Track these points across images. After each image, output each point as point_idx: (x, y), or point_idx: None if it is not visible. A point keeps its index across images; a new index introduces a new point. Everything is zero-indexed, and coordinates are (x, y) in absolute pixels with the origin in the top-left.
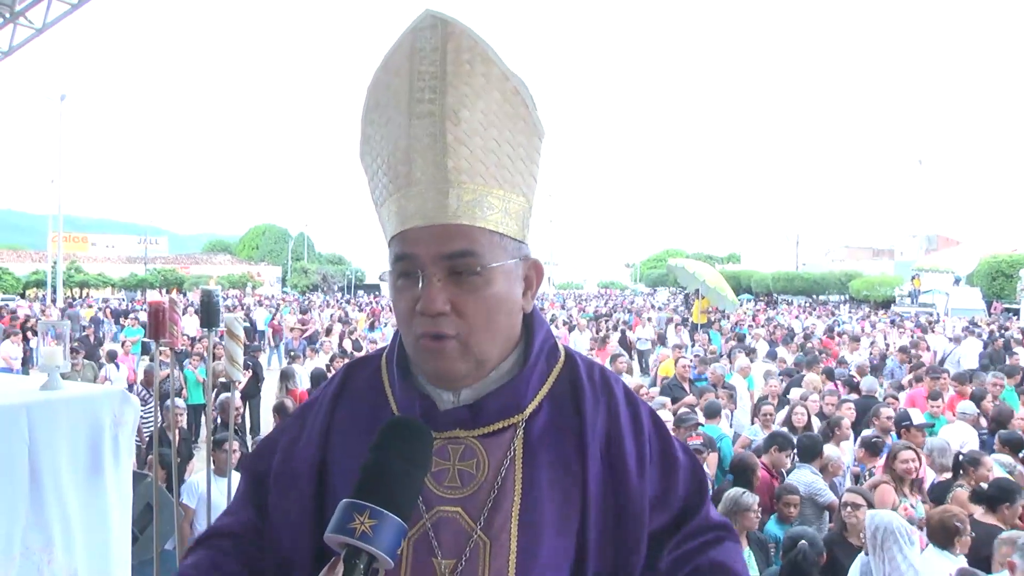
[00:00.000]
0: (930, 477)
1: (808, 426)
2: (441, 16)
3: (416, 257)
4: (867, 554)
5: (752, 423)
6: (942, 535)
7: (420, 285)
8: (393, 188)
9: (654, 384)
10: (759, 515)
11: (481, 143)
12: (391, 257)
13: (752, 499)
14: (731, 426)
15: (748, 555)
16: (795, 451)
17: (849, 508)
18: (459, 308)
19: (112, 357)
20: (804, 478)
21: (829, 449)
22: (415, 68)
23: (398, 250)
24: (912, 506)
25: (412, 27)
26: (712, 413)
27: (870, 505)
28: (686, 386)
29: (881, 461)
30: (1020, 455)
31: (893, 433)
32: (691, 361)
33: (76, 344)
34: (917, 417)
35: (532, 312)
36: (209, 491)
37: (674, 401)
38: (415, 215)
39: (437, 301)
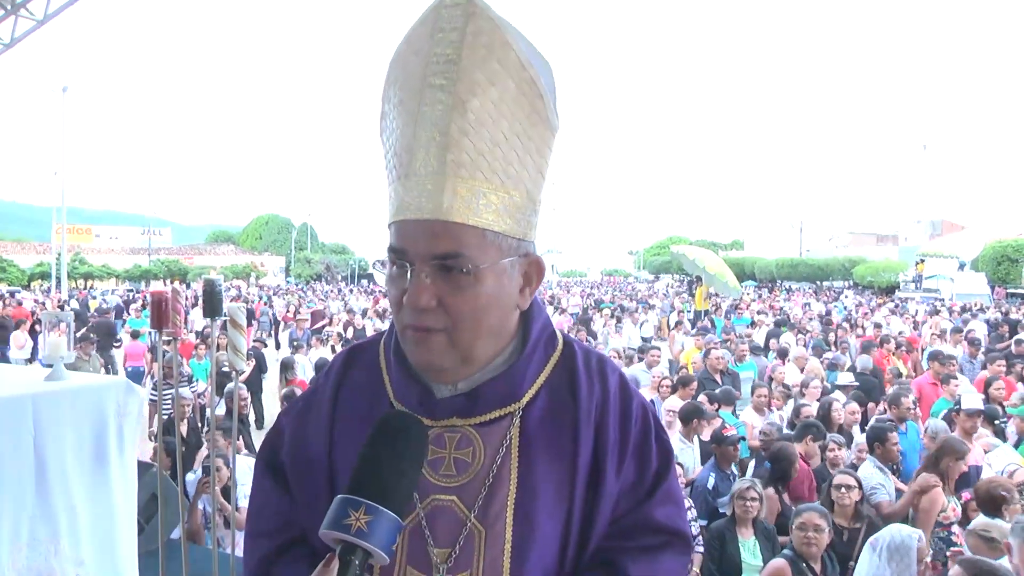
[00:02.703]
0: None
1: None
2: None
3: (405, 251)
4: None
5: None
6: (990, 504)
7: (408, 278)
8: (395, 175)
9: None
10: (756, 502)
11: (488, 135)
12: (388, 244)
13: (743, 484)
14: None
15: (753, 544)
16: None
17: (843, 490)
18: (446, 304)
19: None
20: (866, 473)
21: None
22: (433, 50)
23: (392, 241)
24: (957, 505)
25: (437, 4)
26: (727, 400)
27: (860, 487)
28: (718, 378)
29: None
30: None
31: (911, 421)
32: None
33: (82, 333)
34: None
35: (533, 302)
36: (214, 480)
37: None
38: (409, 207)
39: (422, 297)
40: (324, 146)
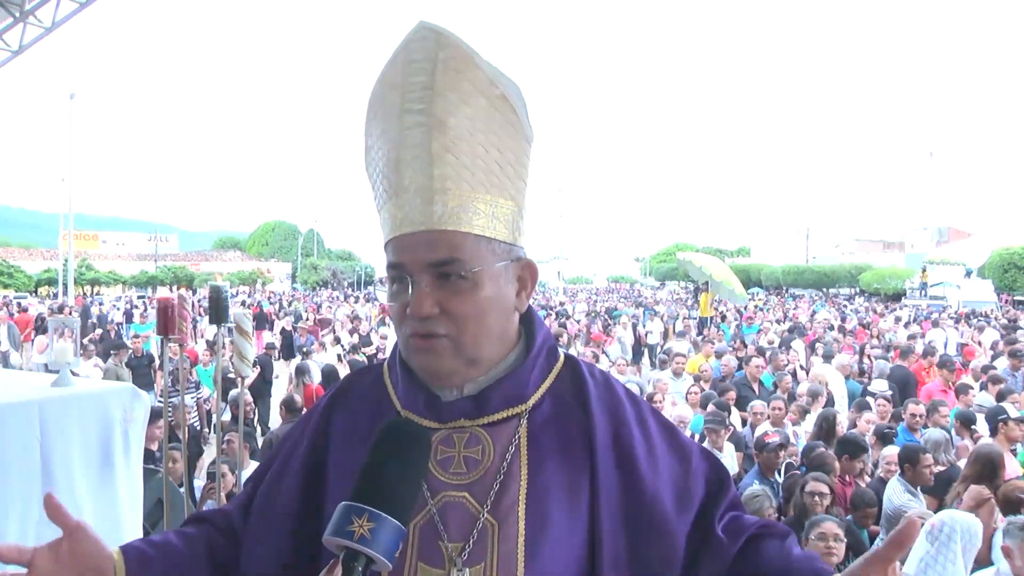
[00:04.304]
0: None
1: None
2: (434, 27)
3: (404, 265)
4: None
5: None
6: (1008, 507)
7: (410, 291)
8: (386, 197)
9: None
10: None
11: (468, 149)
12: (385, 264)
13: (766, 500)
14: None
15: None
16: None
17: (816, 497)
18: (448, 310)
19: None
20: (900, 499)
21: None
22: (407, 80)
23: (389, 258)
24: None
25: (406, 40)
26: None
27: (831, 490)
28: (755, 387)
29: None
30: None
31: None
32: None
33: (93, 338)
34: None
35: (531, 313)
36: (219, 485)
37: (740, 401)
38: (403, 223)
39: (424, 305)
40: (331, 152)
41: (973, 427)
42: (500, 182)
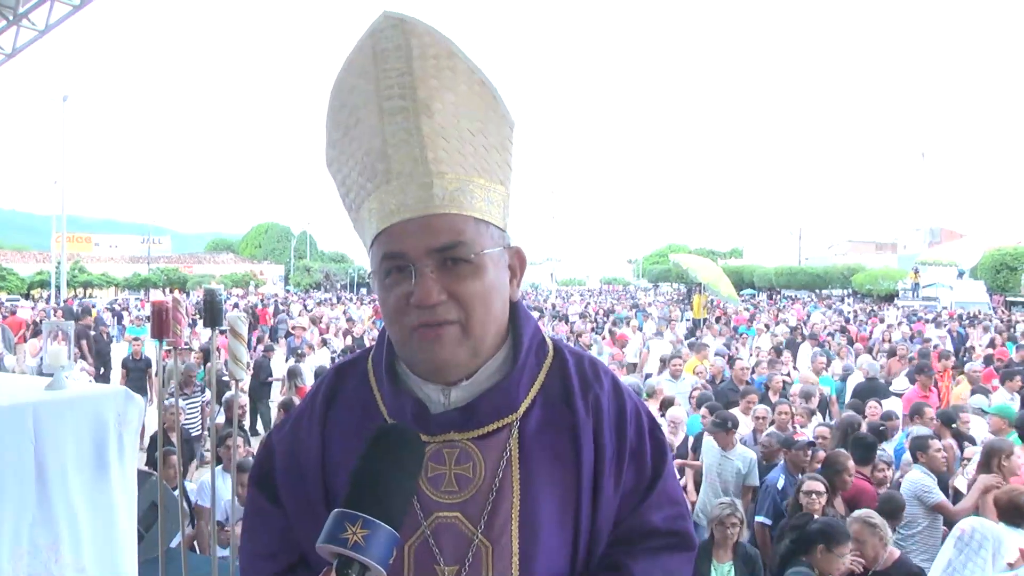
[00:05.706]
0: None
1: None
2: (399, 16)
3: (405, 253)
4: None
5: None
6: (1012, 513)
7: (413, 279)
8: (371, 187)
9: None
10: (736, 528)
11: (456, 134)
12: (377, 256)
13: (724, 511)
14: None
15: (728, 569)
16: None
17: (813, 495)
18: (455, 295)
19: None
20: (913, 477)
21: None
22: (380, 67)
23: (385, 248)
24: None
25: (371, 30)
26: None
27: (828, 491)
28: (742, 389)
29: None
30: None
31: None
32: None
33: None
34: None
35: (518, 307)
36: (214, 487)
37: (728, 405)
38: (399, 209)
39: (433, 293)
40: (323, 155)
41: (954, 426)
42: (490, 167)
